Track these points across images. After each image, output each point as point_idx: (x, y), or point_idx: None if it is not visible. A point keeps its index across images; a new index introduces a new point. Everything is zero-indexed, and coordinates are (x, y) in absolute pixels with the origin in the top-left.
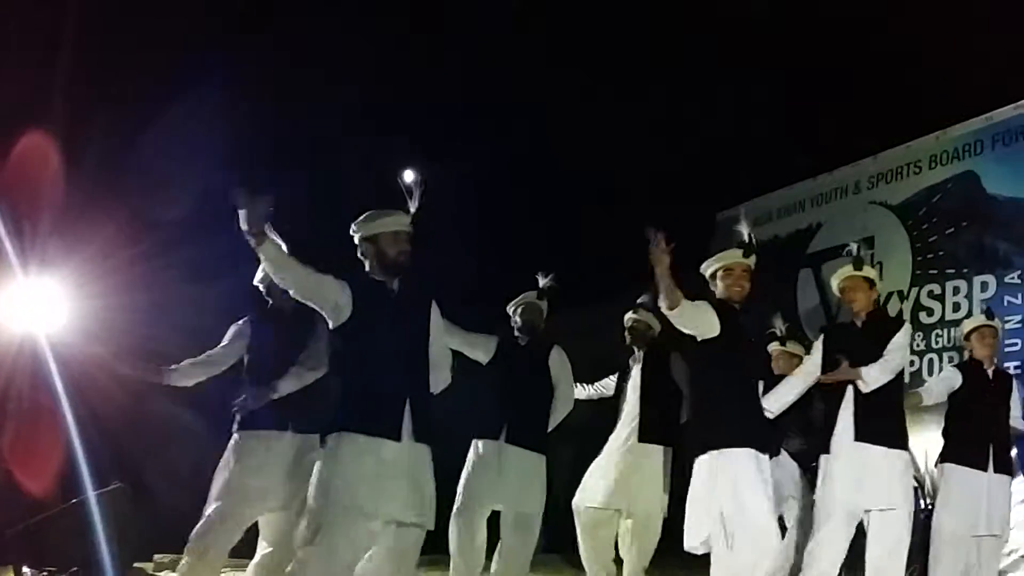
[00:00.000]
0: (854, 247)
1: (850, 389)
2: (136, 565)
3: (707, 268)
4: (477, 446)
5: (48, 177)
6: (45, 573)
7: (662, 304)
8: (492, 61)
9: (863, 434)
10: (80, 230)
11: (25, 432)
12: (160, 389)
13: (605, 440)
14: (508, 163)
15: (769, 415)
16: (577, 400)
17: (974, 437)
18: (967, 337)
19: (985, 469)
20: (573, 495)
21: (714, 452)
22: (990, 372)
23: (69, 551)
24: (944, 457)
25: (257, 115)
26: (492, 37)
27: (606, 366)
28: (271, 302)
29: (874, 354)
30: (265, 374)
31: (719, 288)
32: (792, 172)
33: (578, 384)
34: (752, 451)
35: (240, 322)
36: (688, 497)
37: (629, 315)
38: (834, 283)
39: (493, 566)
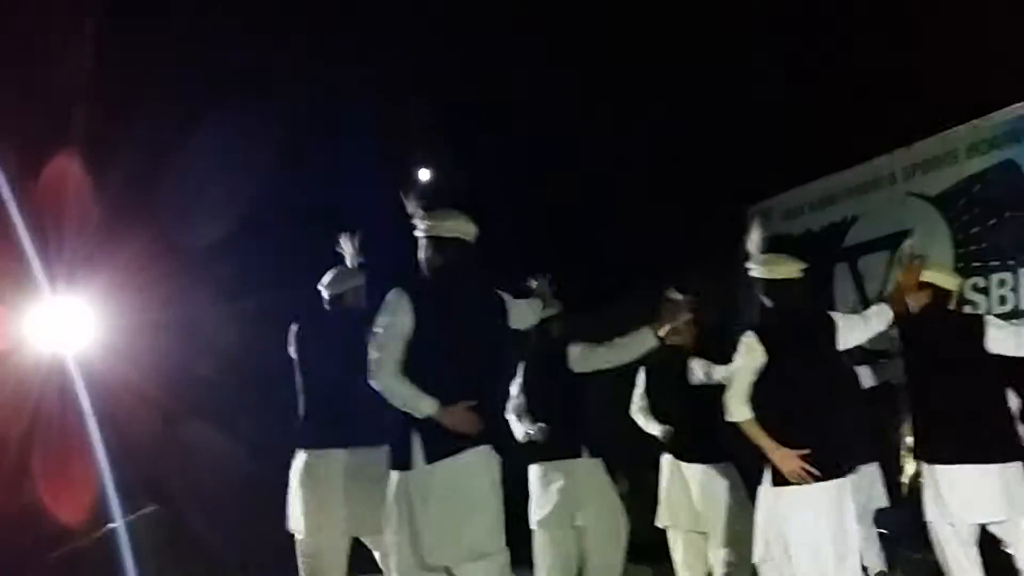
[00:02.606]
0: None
1: None
2: None
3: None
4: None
5: (76, 194)
6: None
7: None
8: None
9: None
10: (108, 248)
11: (55, 454)
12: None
13: None
14: (517, 160)
15: None
16: None
17: None
18: None
19: None
20: None
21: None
22: None
23: None
24: None
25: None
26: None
27: None
28: None
29: None
30: None
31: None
32: (825, 164)
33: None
34: None
35: None
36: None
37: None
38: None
39: None
